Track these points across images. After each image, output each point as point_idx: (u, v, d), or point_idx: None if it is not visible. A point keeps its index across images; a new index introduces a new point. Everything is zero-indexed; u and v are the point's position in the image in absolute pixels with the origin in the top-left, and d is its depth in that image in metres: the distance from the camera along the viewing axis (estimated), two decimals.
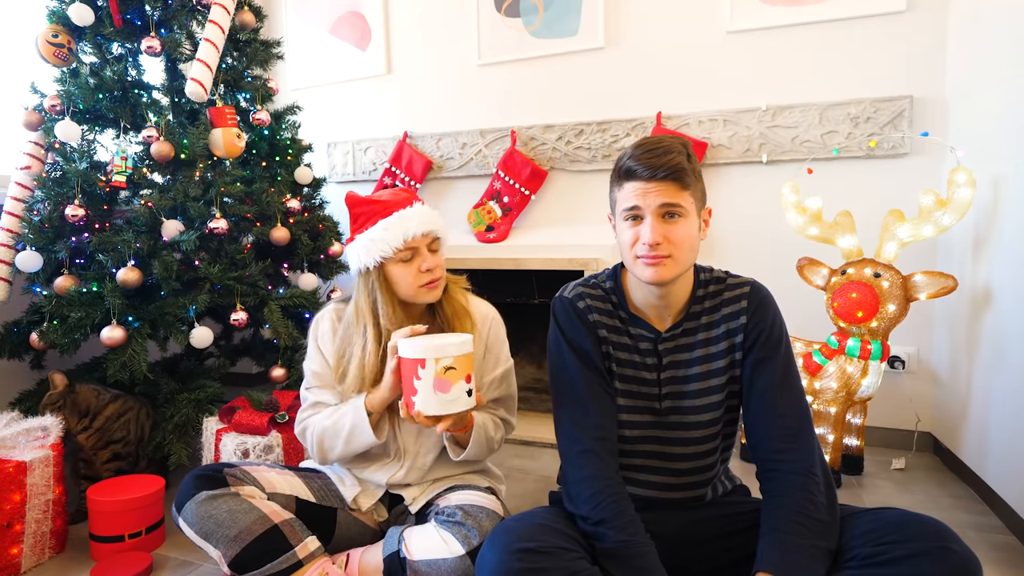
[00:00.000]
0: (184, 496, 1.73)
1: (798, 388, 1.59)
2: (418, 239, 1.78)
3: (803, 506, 1.43)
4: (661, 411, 1.66)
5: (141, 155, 2.73)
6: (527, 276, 3.45)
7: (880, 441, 3.12)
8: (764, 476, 1.55)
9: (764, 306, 1.63)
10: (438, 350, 1.53)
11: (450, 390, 1.53)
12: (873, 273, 2.56)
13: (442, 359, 1.52)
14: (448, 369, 1.53)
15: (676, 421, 1.65)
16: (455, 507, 1.76)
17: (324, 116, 4.24)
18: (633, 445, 1.67)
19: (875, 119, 2.99)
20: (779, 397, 1.56)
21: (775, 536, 1.41)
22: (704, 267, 1.71)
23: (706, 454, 1.68)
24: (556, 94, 3.62)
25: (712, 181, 3.29)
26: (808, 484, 1.46)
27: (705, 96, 3.31)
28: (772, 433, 1.55)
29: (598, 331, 1.66)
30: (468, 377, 1.56)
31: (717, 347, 1.64)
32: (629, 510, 1.48)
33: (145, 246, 2.56)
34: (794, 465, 1.50)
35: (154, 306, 2.59)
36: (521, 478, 2.82)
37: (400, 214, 1.78)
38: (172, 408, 2.63)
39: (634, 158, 1.52)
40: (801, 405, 1.57)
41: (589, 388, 1.62)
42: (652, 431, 1.67)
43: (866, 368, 2.59)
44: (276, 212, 3.06)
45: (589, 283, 1.72)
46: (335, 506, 1.90)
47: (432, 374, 1.53)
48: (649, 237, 1.51)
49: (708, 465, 1.69)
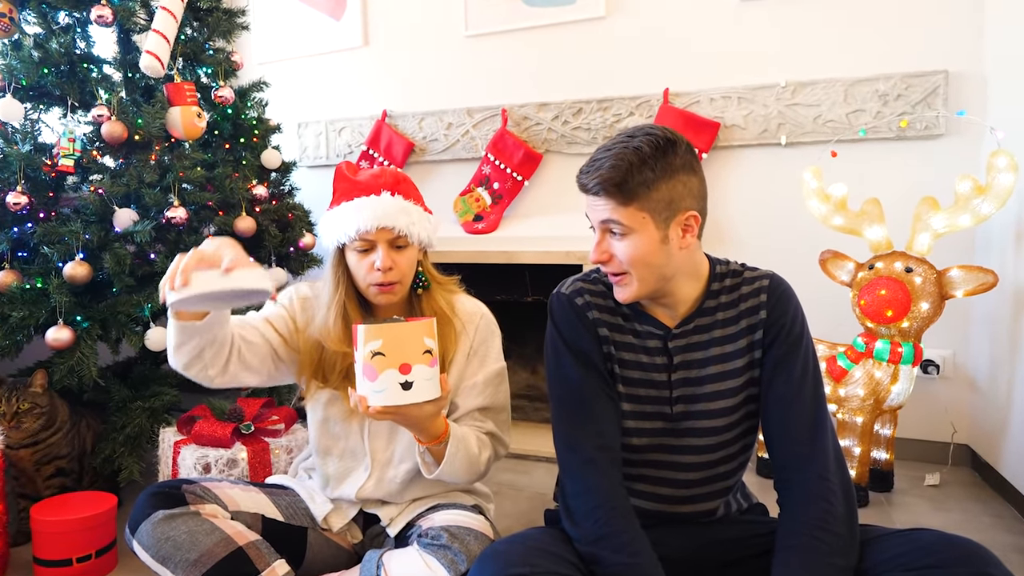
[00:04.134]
0: (139, 516, 1.72)
1: (818, 389, 1.60)
2: (372, 233, 1.78)
3: (819, 519, 1.44)
4: (673, 416, 1.66)
5: (91, 136, 2.72)
6: (519, 271, 3.45)
7: (912, 455, 3.14)
8: (779, 485, 1.57)
9: (785, 299, 1.64)
10: (367, 331, 1.51)
11: (376, 378, 1.51)
12: (904, 267, 2.57)
13: (370, 341, 1.50)
14: (375, 355, 1.50)
15: (688, 427, 1.66)
16: (439, 529, 1.75)
17: (294, 93, 4.24)
18: (639, 454, 1.68)
19: (906, 96, 3.00)
20: (796, 397, 1.57)
21: (788, 555, 1.42)
22: (720, 259, 1.71)
23: (719, 463, 1.68)
24: (552, 69, 3.62)
25: (725, 165, 3.30)
26: (824, 492, 1.47)
27: (717, 71, 3.32)
28: (787, 437, 1.56)
29: (598, 330, 1.66)
30: (405, 367, 1.51)
31: (735, 345, 1.64)
32: (633, 528, 1.49)
33: (95, 237, 2.55)
34: (808, 472, 1.51)
35: (105, 304, 2.58)
36: (513, 495, 2.83)
37: (359, 202, 1.80)
38: (124, 417, 2.62)
39: (585, 164, 1.56)
40: (818, 406, 1.58)
41: (589, 392, 1.62)
42: (661, 438, 1.67)
43: (896, 373, 2.60)
44: (241, 200, 3.06)
45: (589, 278, 1.73)
46: (305, 525, 1.90)
47: (361, 357, 1.52)
48: (592, 255, 1.59)
49: (721, 475, 1.70)
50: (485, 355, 1.96)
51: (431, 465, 1.77)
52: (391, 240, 1.81)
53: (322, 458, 1.98)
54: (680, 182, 1.52)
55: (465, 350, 1.94)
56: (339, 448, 1.97)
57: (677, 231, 1.55)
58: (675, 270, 1.59)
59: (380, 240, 1.80)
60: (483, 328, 1.97)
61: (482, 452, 1.85)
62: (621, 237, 1.54)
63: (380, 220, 1.78)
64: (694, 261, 1.62)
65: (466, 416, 1.92)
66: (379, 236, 1.79)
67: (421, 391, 1.53)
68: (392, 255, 1.81)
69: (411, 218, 1.83)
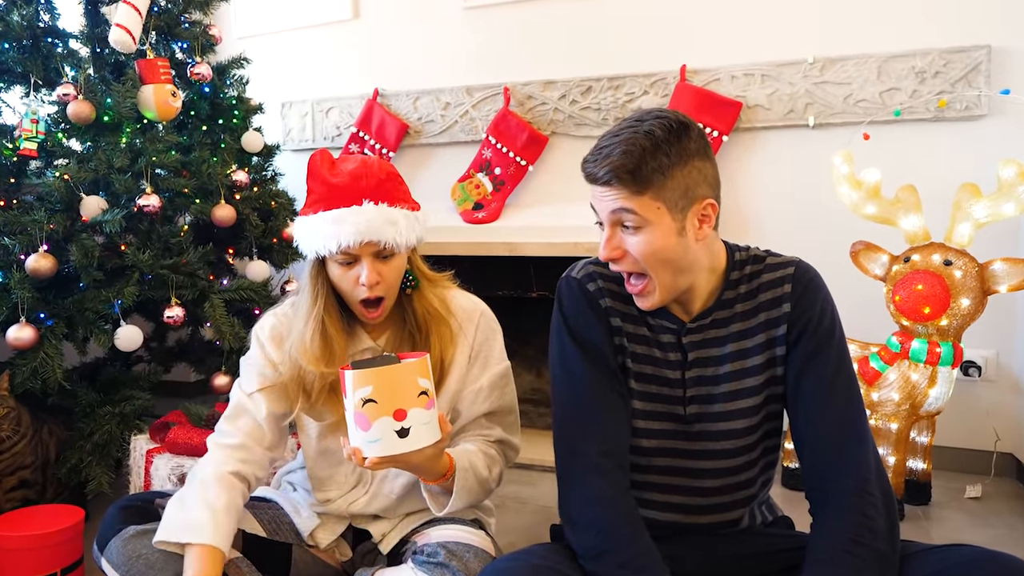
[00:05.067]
0: (108, 531, 1.72)
1: (853, 388, 1.58)
2: (355, 248, 1.74)
3: (856, 532, 1.42)
4: (686, 417, 1.64)
5: (55, 117, 2.72)
6: (523, 265, 3.45)
7: (951, 464, 3.13)
8: (811, 495, 1.55)
9: (812, 289, 1.61)
10: (356, 377, 1.47)
11: (370, 428, 1.48)
12: (943, 260, 2.56)
13: (359, 388, 1.47)
14: (367, 402, 1.47)
15: (703, 430, 1.64)
16: (436, 545, 1.74)
17: (278, 70, 4.23)
18: (650, 459, 1.66)
19: (945, 74, 2.99)
20: (830, 399, 1.55)
21: (818, 569, 1.41)
22: (740, 246, 1.69)
23: (739, 470, 1.66)
24: (559, 44, 3.61)
25: (748, 148, 3.28)
26: (862, 505, 1.45)
27: (739, 46, 3.31)
28: (820, 443, 1.54)
29: (611, 320, 1.64)
30: (399, 413, 1.49)
31: (753, 340, 1.62)
32: (641, 540, 1.47)
33: (60, 227, 2.55)
34: (844, 481, 1.49)
35: (71, 300, 2.58)
36: (516, 508, 2.82)
37: (338, 215, 1.74)
38: (92, 424, 2.62)
39: (591, 152, 1.54)
40: (854, 407, 1.56)
41: (596, 391, 1.60)
42: (674, 441, 1.65)
43: (934, 376, 2.59)
44: (219, 186, 3.04)
45: (602, 261, 1.71)
46: (290, 541, 1.88)
47: (351, 405, 1.49)
48: (601, 252, 1.55)
49: (742, 483, 1.68)
50: (488, 356, 1.94)
51: (440, 501, 1.74)
52: (377, 252, 1.77)
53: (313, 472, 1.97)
54: (695, 168, 1.51)
55: (466, 352, 1.92)
56: (339, 474, 1.95)
57: (694, 222, 1.53)
58: (691, 264, 1.57)
59: (364, 254, 1.76)
60: (484, 326, 1.95)
61: (492, 470, 1.84)
62: (634, 231, 1.51)
63: (364, 235, 1.73)
64: (711, 252, 1.60)
65: (471, 424, 1.91)
66: (363, 250, 1.75)
67: (419, 437, 1.51)
68: (378, 267, 1.77)
69: (398, 228, 1.77)
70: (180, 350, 3.30)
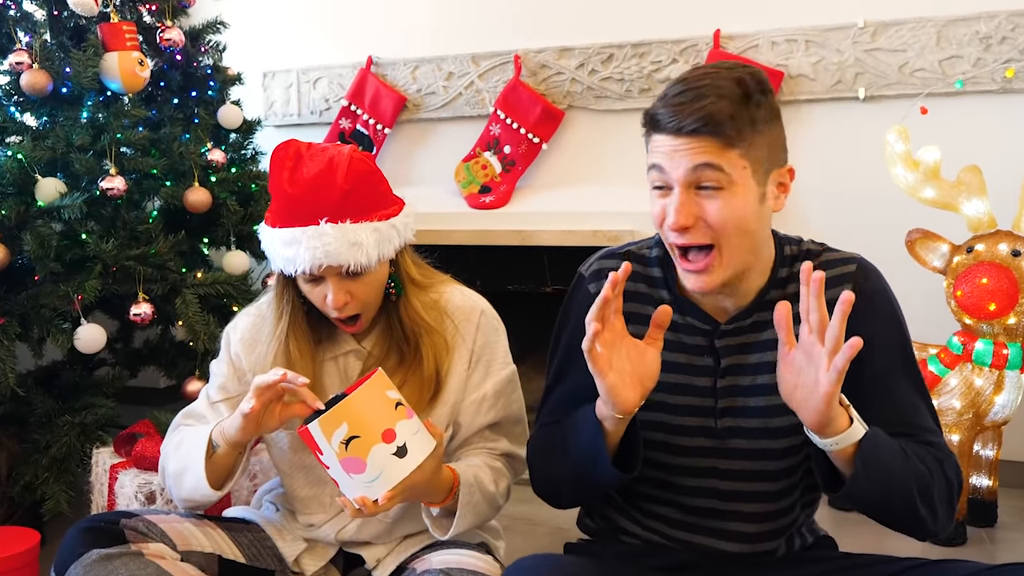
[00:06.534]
0: (68, 556, 1.72)
1: (932, 413, 1.59)
2: (317, 271, 1.72)
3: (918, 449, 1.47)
4: (718, 432, 1.62)
5: (7, 89, 2.73)
6: (536, 255, 3.45)
7: (1019, 481, 3.13)
8: None
9: (877, 295, 1.60)
10: (324, 423, 1.45)
11: (366, 468, 1.47)
12: (1011, 251, 2.55)
13: (334, 432, 1.46)
14: (350, 441, 1.46)
15: (738, 447, 1.62)
16: (438, 572, 1.74)
17: (259, 36, 4.22)
18: (675, 476, 1.66)
19: (1012, 39, 2.98)
20: (907, 426, 1.54)
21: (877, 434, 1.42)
22: (791, 237, 1.67)
23: (779, 495, 1.65)
24: (576, 5, 3.61)
25: (790, 123, 3.22)
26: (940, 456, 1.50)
27: (780, 8, 3.30)
28: None
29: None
30: (388, 434, 1.48)
31: None
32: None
33: (12, 213, 2.55)
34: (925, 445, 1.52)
35: (25, 295, 2.59)
36: (527, 530, 2.83)
37: (291, 235, 1.71)
38: (49, 435, 2.62)
39: (663, 99, 1.48)
40: (932, 432, 1.57)
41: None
42: (703, 459, 1.64)
43: (1001, 381, 2.59)
44: (192, 167, 3.05)
45: (620, 252, 1.70)
46: (272, 568, 1.89)
47: (333, 455, 1.47)
48: (672, 218, 1.46)
49: (782, 510, 1.67)
50: (491, 360, 1.93)
51: (443, 524, 1.74)
52: (343, 272, 1.73)
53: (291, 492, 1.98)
54: (780, 128, 1.52)
55: (464, 357, 1.90)
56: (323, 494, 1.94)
57: (773, 190, 1.53)
58: (762, 242, 1.55)
59: (328, 275, 1.73)
60: (484, 327, 1.93)
61: (499, 483, 1.84)
62: (714, 193, 1.45)
63: (321, 260, 1.69)
64: (766, 235, 1.59)
65: (475, 436, 1.91)
66: (326, 272, 1.72)
67: (417, 449, 1.51)
68: (347, 286, 1.74)
69: (363, 249, 1.72)
70: (148, 352, 3.31)
